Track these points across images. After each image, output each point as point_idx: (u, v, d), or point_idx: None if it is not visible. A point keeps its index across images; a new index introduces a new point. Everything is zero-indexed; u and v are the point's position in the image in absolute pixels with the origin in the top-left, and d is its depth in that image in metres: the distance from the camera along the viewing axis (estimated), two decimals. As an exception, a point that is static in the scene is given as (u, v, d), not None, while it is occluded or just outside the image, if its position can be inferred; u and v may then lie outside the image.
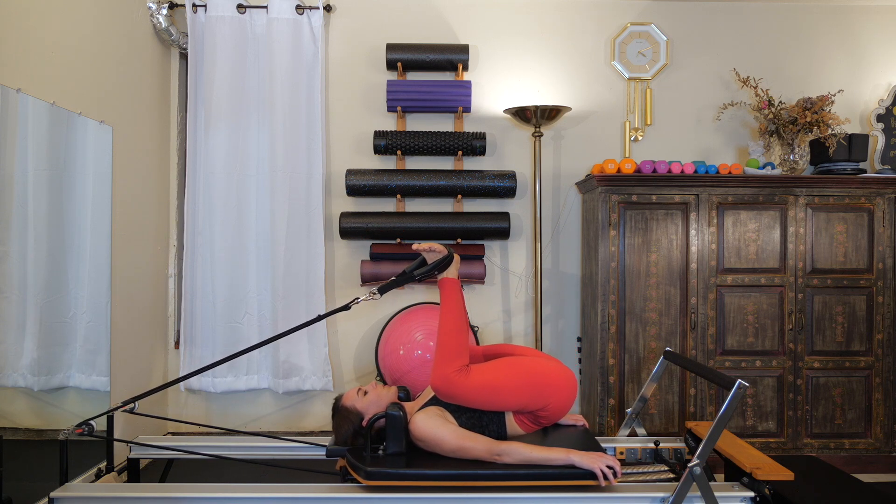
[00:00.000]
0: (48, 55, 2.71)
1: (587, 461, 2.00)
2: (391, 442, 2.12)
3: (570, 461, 2.01)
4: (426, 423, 2.10)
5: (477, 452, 2.05)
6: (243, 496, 2.04)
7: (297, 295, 3.68)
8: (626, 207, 3.41)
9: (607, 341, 3.40)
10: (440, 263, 2.31)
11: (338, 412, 2.25)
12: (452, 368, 2.13)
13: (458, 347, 2.17)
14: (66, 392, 2.85)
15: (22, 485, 2.41)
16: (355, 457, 2.09)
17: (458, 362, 2.15)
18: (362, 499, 2.01)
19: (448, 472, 2.01)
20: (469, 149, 3.69)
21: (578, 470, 2.00)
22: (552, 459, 2.02)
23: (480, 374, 2.17)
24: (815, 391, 3.44)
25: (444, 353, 2.16)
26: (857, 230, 3.45)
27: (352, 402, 2.23)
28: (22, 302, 2.58)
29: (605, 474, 1.99)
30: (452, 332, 2.19)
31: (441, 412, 2.15)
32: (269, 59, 3.64)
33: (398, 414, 2.11)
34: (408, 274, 2.35)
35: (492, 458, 2.04)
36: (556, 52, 3.86)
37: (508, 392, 2.16)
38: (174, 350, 3.80)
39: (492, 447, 2.05)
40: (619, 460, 2.52)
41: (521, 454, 2.03)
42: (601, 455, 2.03)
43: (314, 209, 3.70)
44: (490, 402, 2.16)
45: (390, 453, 2.11)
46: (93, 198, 3.02)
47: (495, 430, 2.18)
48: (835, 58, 3.88)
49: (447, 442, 2.07)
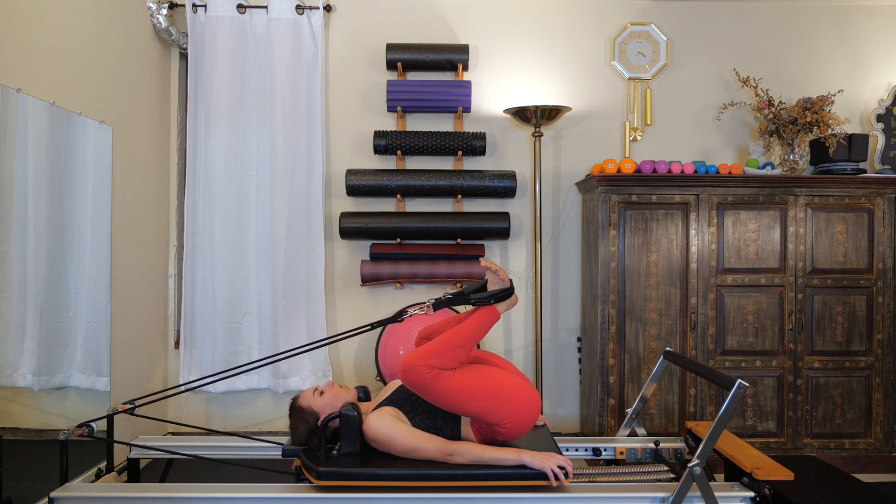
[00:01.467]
0: (48, 55, 2.71)
1: (538, 461, 2.01)
2: (345, 442, 2.12)
3: (521, 461, 2.01)
4: (379, 424, 2.09)
5: (429, 453, 2.05)
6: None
7: (297, 295, 3.68)
8: (626, 207, 3.41)
9: (607, 341, 3.40)
10: (499, 295, 2.25)
11: (294, 412, 2.24)
12: (429, 363, 2.07)
13: (450, 355, 2.12)
14: (66, 392, 2.85)
15: (22, 485, 2.41)
16: (309, 457, 2.09)
17: (439, 363, 2.09)
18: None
19: (400, 472, 2.01)
20: (469, 149, 3.69)
21: (530, 470, 2.01)
22: (504, 460, 2.02)
23: (454, 377, 2.11)
24: (815, 391, 3.44)
25: (435, 349, 2.12)
26: (857, 230, 3.45)
27: (308, 402, 2.22)
28: (22, 302, 2.58)
29: (557, 474, 1.99)
30: (458, 345, 2.14)
31: (395, 412, 2.15)
32: (269, 59, 3.64)
33: (352, 414, 2.11)
34: (465, 295, 2.29)
35: (444, 458, 2.05)
36: (556, 52, 3.86)
37: (469, 397, 2.09)
38: (174, 350, 3.80)
39: (444, 447, 2.05)
40: (618, 460, 2.53)
41: (472, 454, 2.03)
42: (552, 455, 2.03)
43: (314, 209, 3.70)
44: (448, 402, 2.11)
45: (344, 453, 2.12)
46: (93, 198, 3.01)
47: (449, 433, 2.16)
48: (835, 58, 3.88)
49: (399, 442, 2.07)
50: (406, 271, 3.67)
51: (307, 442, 2.20)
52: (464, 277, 3.70)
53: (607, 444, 2.58)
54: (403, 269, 3.67)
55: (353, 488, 2.02)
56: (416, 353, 2.10)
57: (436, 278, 3.70)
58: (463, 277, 3.70)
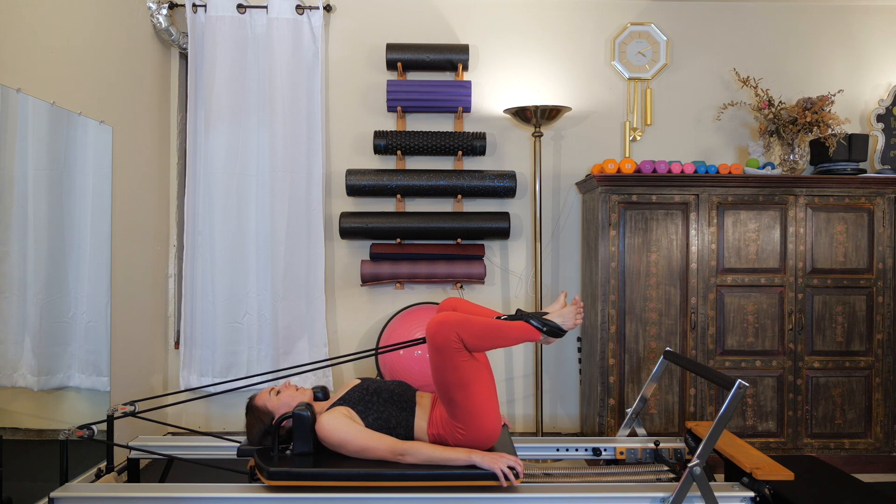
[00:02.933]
0: (48, 55, 2.71)
1: (487, 462, 2.01)
2: (298, 442, 2.12)
3: (471, 461, 2.02)
4: (330, 423, 2.09)
5: (380, 452, 2.06)
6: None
7: (297, 295, 3.68)
8: (626, 207, 3.41)
9: (607, 341, 3.40)
10: (553, 328, 2.23)
11: (249, 411, 2.24)
12: (462, 335, 2.03)
13: (481, 342, 2.09)
14: (66, 392, 2.85)
15: (22, 485, 2.41)
16: (262, 457, 2.09)
17: (467, 342, 2.05)
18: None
19: (352, 472, 2.02)
20: (469, 149, 3.69)
21: (481, 470, 2.01)
22: (454, 460, 2.03)
23: (467, 361, 2.08)
24: (815, 391, 3.44)
25: (474, 328, 2.06)
26: (857, 230, 3.45)
27: (263, 401, 2.22)
28: (22, 302, 2.58)
29: (507, 475, 1.99)
30: (493, 338, 2.12)
31: (348, 412, 2.14)
32: (269, 60, 3.64)
33: (305, 414, 2.11)
34: (520, 315, 2.30)
35: (395, 457, 2.05)
36: (556, 52, 3.86)
37: (467, 385, 2.06)
38: (174, 350, 3.80)
39: (395, 447, 2.05)
40: (618, 460, 2.53)
41: (423, 454, 2.04)
42: (502, 455, 2.04)
43: (314, 209, 3.70)
44: (448, 377, 2.06)
45: (297, 453, 2.12)
46: (93, 198, 3.01)
47: (402, 433, 2.16)
48: (835, 58, 3.88)
49: (350, 442, 2.07)
50: (406, 271, 3.67)
51: (262, 442, 2.19)
52: (464, 277, 3.70)
53: (607, 444, 2.58)
54: (403, 269, 3.67)
55: (303, 488, 2.02)
56: (456, 321, 2.05)
57: (436, 278, 3.70)
58: (463, 277, 3.70)
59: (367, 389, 2.24)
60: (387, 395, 2.22)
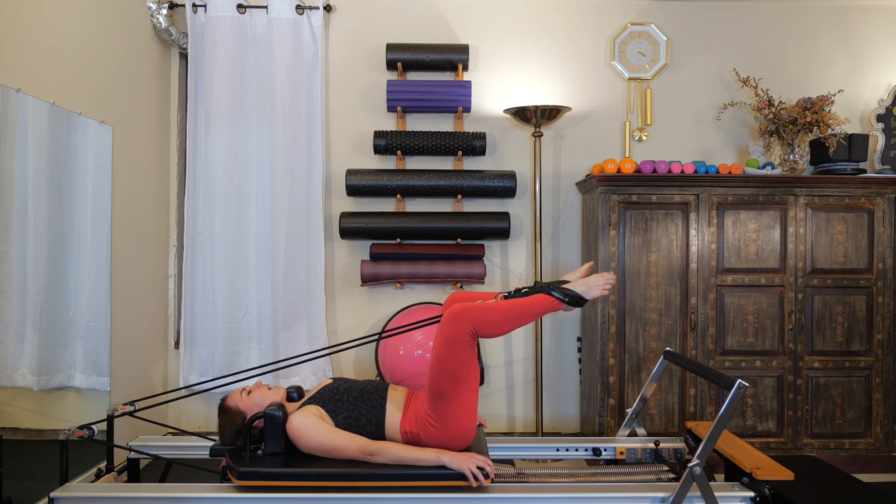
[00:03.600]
0: (48, 55, 2.71)
1: (456, 462, 2.01)
2: (269, 442, 2.12)
3: (440, 462, 2.02)
4: (299, 423, 2.09)
5: (350, 452, 2.05)
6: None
7: (297, 295, 3.68)
8: (626, 207, 3.41)
9: (607, 341, 3.40)
10: (574, 297, 2.21)
11: (221, 412, 2.23)
12: (477, 330, 2.05)
13: (496, 328, 2.10)
14: (66, 392, 2.85)
15: (22, 485, 2.41)
16: (233, 457, 2.09)
17: (481, 332, 2.06)
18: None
19: (322, 472, 2.01)
20: (469, 149, 3.69)
21: (451, 470, 2.01)
22: (423, 460, 2.03)
23: (471, 358, 2.10)
24: (815, 391, 3.44)
25: (488, 317, 2.07)
26: (857, 230, 3.45)
27: (235, 402, 2.22)
28: (22, 302, 2.58)
29: (476, 475, 1.99)
30: (511, 318, 2.11)
31: (318, 411, 2.14)
32: (269, 60, 3.64)
33: (276, 414, 2.11)
34: (541, 286, 2.27)
35: (364, 457, 2.04)
36: (556, 52, 3.86)
37: (459, 378, 2.08)
38: (174, 350, 3.80)
39: (364, 447, 2.05)
40: (618, 460, 2.53)
41: (392, 454, 2.03)
42: (471, 456, 2.04)
43: (314, 209, 3.70)
44: (447, 364, 2.07)
45: (268, 453, 2.12)
46: (93, 198, 3.01)
47: (373, 431, 2.15)
48: (835, 58, 3.88)
49: (320, 441, 2.06)
50: (406, 271, 3.67)
51: (234, 442, 2.20)
52: (464, 277, 3.70)
53: (607, 444, 2.58)
54: (403, 269, 3.67)
55: (272, 488, 2.02)
56: (476, 313, 2.05)
57: (436, 278, 3.70)
58: (463, 277, 3.70)
59: (337, 388, 2.23)
60: (357, 393, 2.21)
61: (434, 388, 2.11)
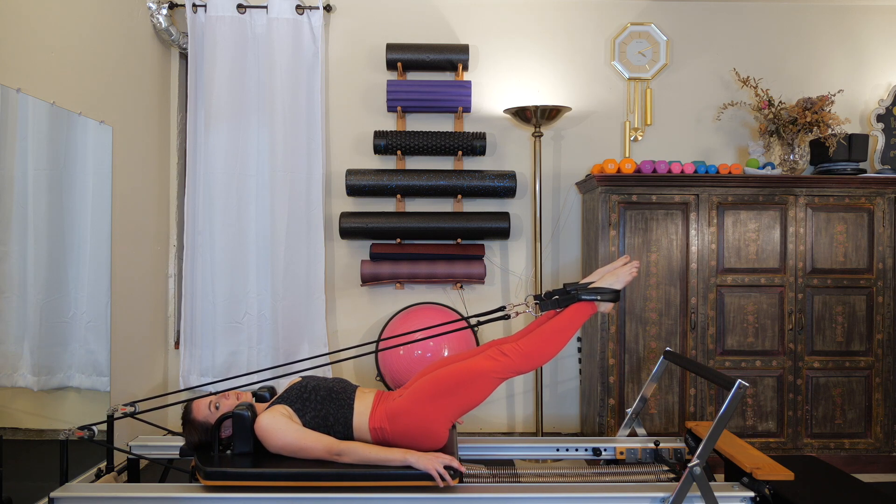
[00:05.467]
0: (48, 55, 2.71)
1: (423, 462, 2.01)
2: (238, 442, 2.11)
3: (406, 462, 2.02)
4: (267, 423, 2.08)
5: (317, 452, 2.05)
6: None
7: (297, 295, 3.68)
8: (626, 207, 3.41)
9: (607, 341, 3.40)
10: (608, 294, 2.26)
11: (187, 424, 2.20)
12: (521, 368, 2.21)
13: (549, 347, 2.23)
14: (66, 392, 2.85)
15: (22, 485, 2.41)
16: (202, 457, 2.09)
17: (526, 370, 2.23)
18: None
19: (288, 472, 2.01)
20: (469, 149, 3.69)
21: (418, 470, 2.01)
22: (389, 460, 2.03)
23: (487, 393, 2.21)
24: (815, 391, 3.44)
25: (542, 349, 2.23)
26: (857, 230, 3.45)
27: (204, 416, 2.18)
28: (22, 302, 2.58)
29: (442, 475, 1.99)
30: (555, 340, 2.24)
31: (286, 411, 2.13)
32: (269, 59, 3.64)
33: (245, 414, 2.11)
34: (570, 292, 2.31)
35: (331, 457, 2.04)
36: (556, 52, 3.86)
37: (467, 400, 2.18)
38: (174, 350, 3.80)
39: (331, 447, 2.05)
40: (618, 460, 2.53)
41: (359, 454, 2.03)
42: (438, 456, 2.03)
43: (314, 209, 3.70)
44: (465, 388, 2.18)
45: (237, 453, 2.11)
46: (93, 198, 3.01)
47: (341, 430, 2.15)
48: (835, 58, 3.88)
49: (287, 441, 2.06)
50: (406, 271, 3.67)
51: (198, 448, 2.19)
52: (464, 277, 3.70)
53: (607, 444, 2.58)
54: (403, 269, 3.67)
55: (239, 488, 2.01)
56: (526, 361, 2.21)
57: (436, 278, 3.70)
58: (463, 277, 3.70)
59: (305, 387, 2.23)
60: (325, 392, 2.21)
61: (438, 382, 2.14)
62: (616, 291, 2.25)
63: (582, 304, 2.25)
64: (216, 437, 2.11)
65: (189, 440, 2.21)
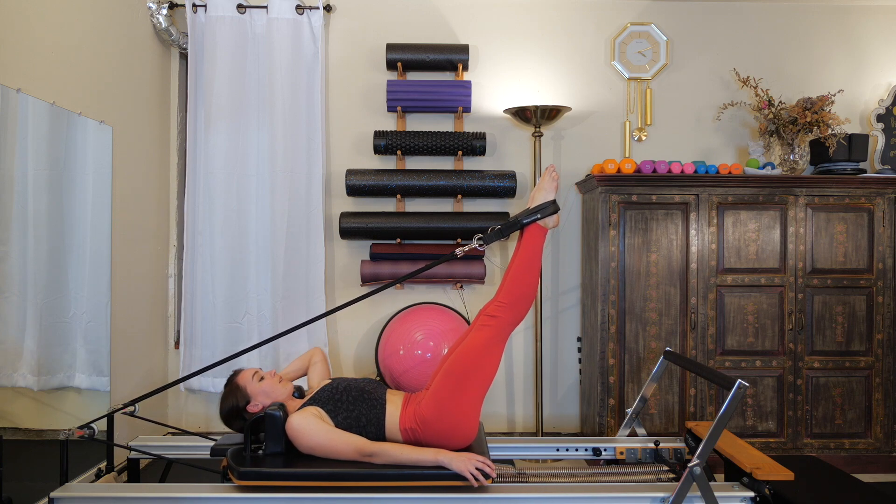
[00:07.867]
0: (48, 55, 2.71)
1: (455, 463, 2.00)
2: (270, 442, 2.12)
3: (438, 462, 2.01)
4: (299, 424, 2.08)
5: (348, 453, 2.05)
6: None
7: (297, 295, 3.68)
8: (626, 207, 3.41)
9: (607, 341, 3.40)
10: (546, 209, 2.29)
11: (229, 384, 2.24)
12: (494, 317, 2.20)
13: (526, 281, 2.24)
14: (66, 392, 2.85)
15: (22, 485, 2.41)
16: (234, 457, 2.09)
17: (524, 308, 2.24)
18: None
19: (321, 472, 2.01)
20: (469, 149, 3.69)
21: (449, 470, 2.01)
22: (421, 461, 2.02)
23: (500, 353, 2.23)
24: (815, 391, 3.44)
25: (505, 298, 2.23)
26: (857, 230, 3.45)
27: (245, 382, 2.22)
28: (22, 302, 2.58)
29: (475, 475, 1.98)
30: (527, 269, 2.26)
31: (318, 412, 2.13)
32: (269, 60, 3.64)
33: (277, 414, 2.11)
34: (515, 220, 2.31)
35: (363, 458, 2.04)
36: (556, 52, 3.86)
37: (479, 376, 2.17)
38: (174, 350, 3.80)
39: (362, 448, 2.04)
40: (618, 460, 2.53)
41: (391, 455, 2.03)
42: (471, 456, 2.03)
43: (314, 209, 3.70)
44: (471, 358, 2.18)
45: (269, 453, 2.12)
46: (93, 198, 3.01)
47: (374, 431, 2.15)
48: (835, 58, 3.88)
49: (318, 443, 2.06)
50: (406, 271, 3.67)
51: (228, 418, 2.21)
52: (464, 277, 3.70)
53: (607, 444, 2.58)
54: (403, 269, 3.67)
55: (273, 488, 2.01)
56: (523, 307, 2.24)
57: (436, 278, 3.70)
58: (463, 277, 3.70)
59: (336, 388, 2.23)
60: (356, 392, 2.21)
61: (450, 375, 2.15)
62: (551, 202, 2.29)
63: (528, 229, 2.29)
64: (248, 436, 2.11)
65: (224, 404, 2.22)
